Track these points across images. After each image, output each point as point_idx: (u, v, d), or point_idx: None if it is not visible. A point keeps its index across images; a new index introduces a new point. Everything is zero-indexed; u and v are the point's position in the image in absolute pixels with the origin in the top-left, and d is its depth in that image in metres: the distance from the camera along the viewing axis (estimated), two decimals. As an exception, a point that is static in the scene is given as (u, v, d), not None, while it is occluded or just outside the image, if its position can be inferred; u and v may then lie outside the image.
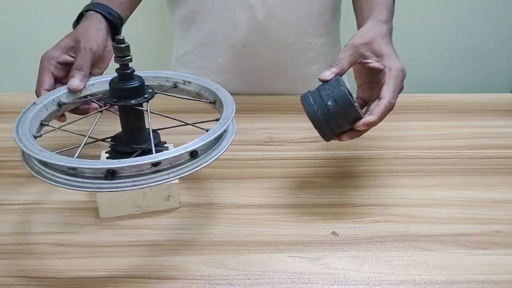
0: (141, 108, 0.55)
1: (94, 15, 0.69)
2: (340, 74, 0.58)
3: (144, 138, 0.57)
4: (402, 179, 0.66)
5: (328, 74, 0.57)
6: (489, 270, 0.50)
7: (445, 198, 0.62)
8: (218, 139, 0.51)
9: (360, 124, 0.55)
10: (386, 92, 0.57)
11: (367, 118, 0.55)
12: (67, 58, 0.64)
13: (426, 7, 1.74)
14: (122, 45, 0.52)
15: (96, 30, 0.66)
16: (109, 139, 0.58)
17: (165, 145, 0.61)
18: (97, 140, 0.58)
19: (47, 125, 0.55)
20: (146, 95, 0.55)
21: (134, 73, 0.54)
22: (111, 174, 0.43)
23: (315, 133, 0.58)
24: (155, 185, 0.45)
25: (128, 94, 0.54)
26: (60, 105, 0.58)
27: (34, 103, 0.55)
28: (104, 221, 0.58)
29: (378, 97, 0.58)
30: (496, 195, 0.63)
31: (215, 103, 0.58)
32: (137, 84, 0.54)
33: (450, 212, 0.60)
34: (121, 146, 0.57)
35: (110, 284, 0.48)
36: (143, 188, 0.45)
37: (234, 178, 0.66)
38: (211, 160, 0.49)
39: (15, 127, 0.49)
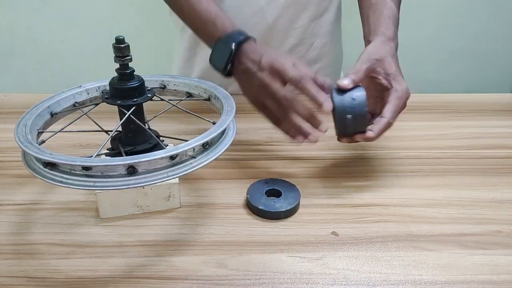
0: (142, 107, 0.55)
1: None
2: (355, 83, 0.61)
3: (144, 138, 0.57)
4: (402, 179, 0.66)
5: (347, 83, 0.60)
6: (489, 270, 0.50)
7: (445, 198, 0.62)
8: (222, 134, 0.52)
9: (358, 137, 0.61)
10: (387, 112, 0.61)
11: (367, 134, 0.61)
12: None
13: (426, 7, 1.74)
14: (122, 45, 0.52)
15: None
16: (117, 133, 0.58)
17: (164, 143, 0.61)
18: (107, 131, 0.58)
19: (44, 132, 0.55)
20: (149, 95, 0.55)
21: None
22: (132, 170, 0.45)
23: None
24: (176, 177, 0.47)
25: (128, 93, 0.54)
26: (52, 114, 0.57)
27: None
28: (104, 221, 0.58)
29: (381, 112, 0.61)
30: (496, 195, 0.63)
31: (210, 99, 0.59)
32: (137, 84, 0.54)
33: (450, 212, 0.60)
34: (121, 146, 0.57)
35: (110, 284, 0.48)
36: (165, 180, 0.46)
37: (235, 178, 0.66)
38: (222, 150, 0.51)
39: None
